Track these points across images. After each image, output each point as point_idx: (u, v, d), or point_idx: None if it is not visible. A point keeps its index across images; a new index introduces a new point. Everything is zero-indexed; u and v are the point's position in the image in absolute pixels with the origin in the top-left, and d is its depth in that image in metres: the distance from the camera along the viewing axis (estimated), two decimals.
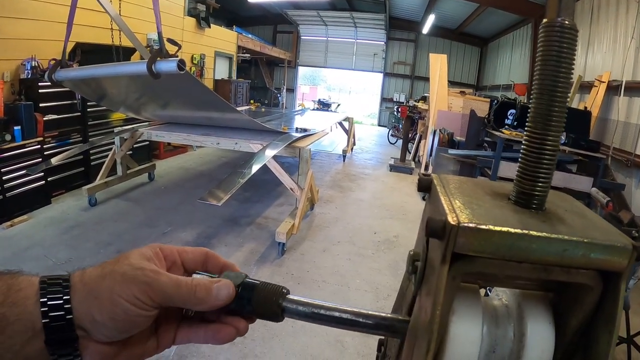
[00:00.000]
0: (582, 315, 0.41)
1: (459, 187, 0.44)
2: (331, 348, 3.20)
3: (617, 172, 7.09)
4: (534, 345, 0.41)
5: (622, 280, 0.38)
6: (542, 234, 0.36)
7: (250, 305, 0.52)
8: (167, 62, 3.13)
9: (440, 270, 0.36)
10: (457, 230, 0.35)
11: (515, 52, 13.98)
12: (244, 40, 13.19)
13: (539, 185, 0.43)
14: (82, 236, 4.67)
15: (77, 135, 5.98)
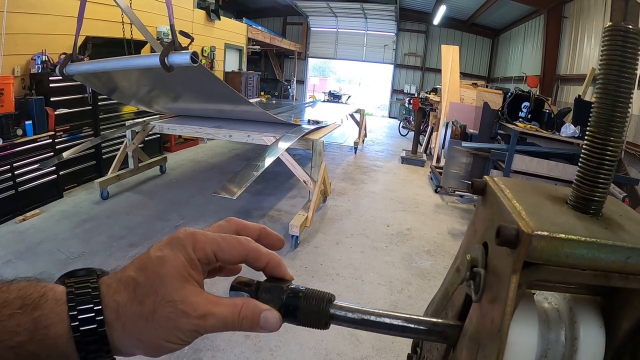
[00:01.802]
0: (634, 319, 0.41)
1: (516, 191, 0.44)
2: (346, 342, 3.22)
3: (631, 167, 7.00)
4: (586, 349, 0.41)
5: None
6: (608, 242, 0.36)
7: (297, 316, 0.51)
8: (180, 55, 3.13)
9: (510, 279, 0.36)
10: (531, 238, 0.35)
11: (527, 43, 13.78)
12: (253, 32, 13.18)
13: (599, 190, 0.43)
14: (94, 230, 4.70)
15: (89, 129, 6.01)
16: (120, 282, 0.45)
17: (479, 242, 0.45)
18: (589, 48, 9.63)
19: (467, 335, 0.45)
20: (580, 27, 10.17)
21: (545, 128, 6.04)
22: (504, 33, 16.99)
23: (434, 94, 12.86)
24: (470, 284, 0.43)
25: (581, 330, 0.43)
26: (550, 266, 0.36)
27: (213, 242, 0.49)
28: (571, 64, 10.66)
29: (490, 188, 0.47)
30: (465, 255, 0.46)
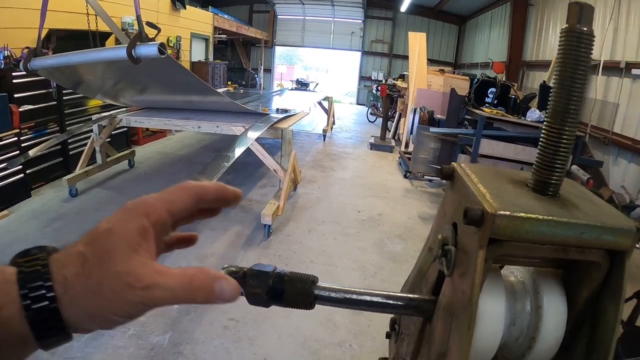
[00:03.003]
0: (591, 288, 0.45)
1: (481, 176, 0.48)
2: (323, 327, 3.28)
3: (595, 150, 7.29)
4: (549, 316, 0.46)
5: (627, 257, 0.42)
6: (564, 219, 0.40)
7: (283, 297, 0.54)
8: (147, 47, 3.07)
9: (477, 255, 0.40)
10: (494, 218, 0.39)
11: (494, 30, 14.06)
12: (220, 21, 12.95)
13: (555, 174, 0.47)
14: (65, 228, 4.58)
15: (54, 125, 5.81)
16: (69, 257, 0.43)
17: (449, 223, 0.49)
18: (554, 35, 9.92)
19: (441, 308, 0.49)
20: (545, 15, 10.45)
21: (512, 113, 6.21)
22: (470, 20, 17.23)
23: (402, 80, 13.00)
24: (442, 260, 0.47)
25: (544, 300, 0.47)
26: (513, 242, 0.40)
27: (162, 200, 0.48)
28: (536, 51, 10.96)
29: (458, 174, 0.51)
30: (436, 236, 0.50)
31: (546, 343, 0.47)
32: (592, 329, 0.46)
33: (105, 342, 2.89)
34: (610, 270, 0.44)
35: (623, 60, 6.86)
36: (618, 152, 6.85)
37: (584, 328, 0.48)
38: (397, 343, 0.70)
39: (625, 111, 6.76)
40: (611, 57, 7.24)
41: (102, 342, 2.89)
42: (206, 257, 4.19)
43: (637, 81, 6.55)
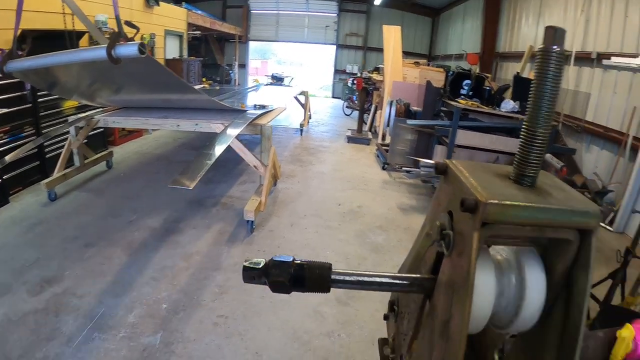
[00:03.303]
0: (565, 262, 0.54)
1: (471, 171, 0.56)
2: (311, 319, 3.37)
3: (568, 138, 7.55)
4: (532, 286, 0.55)
5: (593, 235, 0.51)
6: (540, 205, 0.49)
7: (304, 283, 0.60)
8: (127, 47, 3.06)
9: (473, 236, 0.48)
10: (486, 205, 0.47)
11: (467, 22, 14.27)
12: (193, 17, 12.79)
13: (532, 169, 0.55)
14: (46, 233, 4.50)
15: (30, 128, 5.67)
16: None
17: (444, 212, 0.57)
18: (527, 26, 10.16)
19: (442, 285, 0.57)
20: (518, 6, 10.68)
21: (486, 104, 6.38)
22: (444, 12, 17.42)
23: (377, 73, 13.12)
24: (442, 243, 0.55)
25: (527, 273, 0.56)
26: (501, 224, 0.48)
27: None
28: (510, 42, 11.20)
29: (451, 169, 0.59)
30: (433, 223, 0.57)
31: (529, 310, 0.55)
32: (567, 296, 0.55)
33: (96, 345, 2.91)
34: (580, 246, 0.53)
35: (594, 50, 7.08)
36: (590, 139, 7.08)
37: (562, 296, 0.56)
38: (397, 322, 0.78)
39: (597, 100, 6.98)
40: (583, 48, 7.47)
41: (94, 345, 2.90)
42: (191, 255, 4.21)
43: (608, 71, 6.77)
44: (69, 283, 3.58)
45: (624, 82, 6.37)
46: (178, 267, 3.96)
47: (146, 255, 4.12)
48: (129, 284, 3.63)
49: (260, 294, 3.64)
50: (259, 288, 3.63)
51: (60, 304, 3.30)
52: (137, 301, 3.41)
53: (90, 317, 3.17)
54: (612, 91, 6.66)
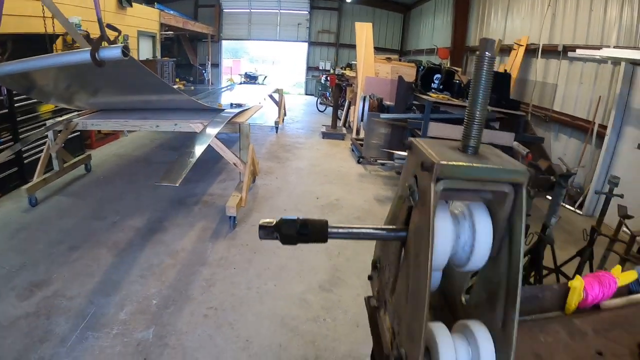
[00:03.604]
0: (505, 211, 0.71)
1: (428, 145, 0.72)
2: (297, 307, 3.53)
3: (537, 127, 7.89)
4: (481, 231, 0.71)
5: (523, 188, 0.68)
6: (479, 165, 0.65)
7: (309, 236, 0.76)
8: (111, 49, 3.13)
9: (431, 188, 0.64)
10: (440, 165, 0.63)
11: (438, 17, 14.61)
12: (166, 17, 12.72)
13: (474, 139, 0.72)
14: (30, 239, 4.49)
15: (7, 134, 5.61)
16: None
17: (411, 176, 0.73)
18: (496, 21, 10.50)
19: (412, 231, 0.73)
20: (487, 2, 11.02)
21: (457, 97, 6.64)
22: (415, 8, 17.77)
23: (350, 69, 13.32)
24: (410, 198, 0.71)
25: (476, 220, 0.72)
26: (450, 179, 0.65)
27: None
28: (480, 36, 11.46)
29: (415, 144, 0.75)
30: (404, 186, 0.74)
31: (481, 249, 0.72)
32: (510, 239, 0.72)
33: (90, 344, 2.97)
34: (515, 197, 0.69)
35: (561, 43, 7.41)
36: (559, 128, 7.43)
37: (506, 240, 0.73)
38: (380, 276, 0.94)
39: (564, 91, 7.33)
40: (550, 41, 7.82)
41: (88, 344, 2.97)
42: (177, 252, 4.31)
43: (574, 63, 7.11)
44: (58, 286, 3.63)
45: (590, 73, 6.70)
46: (165, 265, 4.06)
47: (132, 254, 4.20)
48: (117, 283, 3.72)
49: (246, 286, 3.78)
50: (245, 280, 3.79)
51: (51, 307, 3.35)
52: (127, 299, 3.50)
53: (82, 317, 3.23)
54: (578, 82, 6.99)
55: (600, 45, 6.30)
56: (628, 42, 5.92)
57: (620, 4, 6.06)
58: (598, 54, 5.74)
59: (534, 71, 8.23)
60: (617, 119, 5.95)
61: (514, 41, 8.85)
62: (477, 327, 0.72)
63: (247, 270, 4.06)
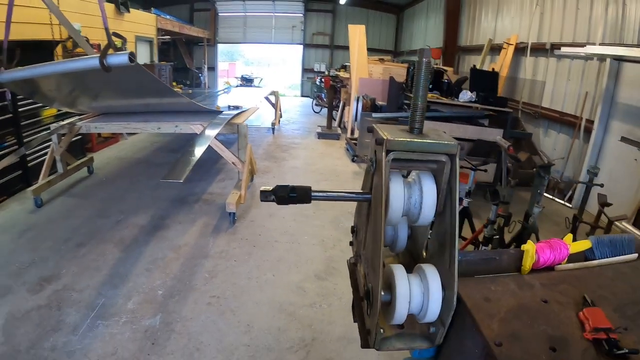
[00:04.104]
0: (445, 176, 0.93)
1: (383, 128, 0.95)
2: (294, 294, 3.75)
3: (528, 124, 8.12)
4: (427, 192, 0.93)
5: (456, 158, 0.90)
6: (419, 140, 0.88)
7: (297, 197, 0.98)
8: (118, 56, 3.34)
9: (383, 158, 0.86)
10: (388, 140, 0.85)
11: (430, 18, 14.85)
12: (162, 22, 12.92)
13: (417, 122, 0.94)
14: (38, 237, 4.69)
15: (12, 138, 5.81)
16: None
17: (372, 151, 0.95)
18: (486, 21, 10.73)
19: (373, 193, 0.95)
20: (478, 2, 11.25)
21: (445, 95, 6.87)
22: (408, 9, 18.00)
23: (344, 70, 13.54)
24: (370, 168, 0.93)
25: (423, 184, 0.95)
26: (397, 151, 0.87)
27: None
28: (470, 36, 11.78)
29: (374, 128, 0.97)
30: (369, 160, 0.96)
31: (428, 208, 0.94)
32: (450, 200, 0.94)
33: (101, 331, 3.18)
34: (451, 165, 0.92)
35: (549, 42, 7.62)
36: (548, 124, 7.64)
37: (448, 200, 0.95)
38: (357, 238, 1.16)
39: (553, 88, 7.54)
40: (538, 40, 8.04)
41: (98, 332, 3.17)
42: (180, 247, 4.53)
43: (562, 60, 7.32)
44: (67, 280, 3.84)
45: (577, 69, 6.89)
46: (169, 258, 4.28)
47: (138, 249, 4.42)
48: (124, 276, 3.93)
49: (247, 276, 4.00)
50: (245, 271, 4.01)
51: (62, 299, 3.55)
52: (134, 290, 3.71)
53: (92, 308, 3.44)
54: (566, 79, 7.19)
55: (586, 42, 6.47)
56: (613, 39, 6.09)
57: (605, 2, 6.23)
58: (582, 51, 5.94)
59: (524, 69, 8.45)
60: (603, 113, 6.12)
61: (504, 40, 9.06)
62: (428, 267, 0.94)
63: (247, 262, 4.29)
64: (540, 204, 3.64)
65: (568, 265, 1.46)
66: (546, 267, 1.47)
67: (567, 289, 1.31)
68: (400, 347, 0.97)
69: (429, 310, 0.90)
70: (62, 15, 3.94)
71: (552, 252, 1.45)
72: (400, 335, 0.99)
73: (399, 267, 0.94)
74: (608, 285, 1.36)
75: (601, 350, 1.03)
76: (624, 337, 1.08)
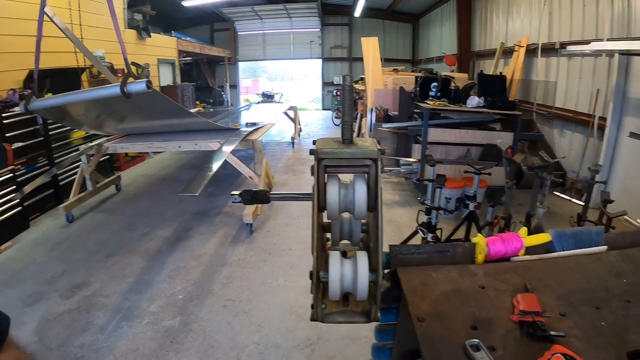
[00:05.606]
0: (372, 177, 1.15)
1: (322, 141, 1.18)
2: (304, 297, 3.95)
3: (543, 125, 8.13)
4: (358, 191, 1.15)
5: (378, 161, 1.12)
6: (345, 149, 1.11)
7: (257, 199, 1.23)
8: (137, 84, 3.68)
9: (318, 166, 1.09)
10: (318, 151, 1.09)
11: (444, 25, 14.94)
12: (183, 44, 13.52)
13: (347, 134, 1.17)
14: (69, 249, 5.09)
15: (44, 160, 6.28)
16: None
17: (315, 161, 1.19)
18: (498, 24, 10.80)
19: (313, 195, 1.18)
20: (488, 6, 11.34)
21: (454, 102, 7.01)
22: (422, 17, 18.15)
23: (361, 82, 13.77)
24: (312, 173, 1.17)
25: (356, 184, 1.16)
26: (328, 159, 1.10)
27: None
28: (484, 41, 11.85)
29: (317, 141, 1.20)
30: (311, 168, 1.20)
31: (360, 203, 1.15)
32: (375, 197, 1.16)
33: (125, 331, 3.50)
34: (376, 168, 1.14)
35: (558, 41, 7.65)
36: (563, 124, 7.63)
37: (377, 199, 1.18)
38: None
39: (565, 87, 7.53)
40: (548, 40, 8.05)
41: (123, 331, 3.50)
42: (200, 256, 4.84)
43: (572, 59, 7.32)
44: (96, 286, 4.20)
45: (588, 67, 6.87)
46: (189, 266, 4.59)
47: (161, 259, 4.75)
48: (148, 282, 4.25)
49: (261, 281, 4.26)
50: (260, 277, 4.26)
51: (91, 303, 3.91)
52: (157, 295, 4.02)
53: (118, 311, 3.78)
54: (578, 77, 7.17)
55: (595, 39, 6.45)
56: (621, 33, 6.04)
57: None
58: (587, 48, 5.93)
59: (536, 70, 8.48)
60: (615, 110, 6.06)
61: (515, 43, 9.12)
62: (360, 253, 1.16)
63: (262, 268, 4.55)
64: (544, 204, 3.70)
65: (522, 257, 1.53)
66: (502, 259, 1.53)
67: (511, 277, 1.39)
68: (340, 321, 1.19)
69: (358, 289, 1.11)
70: (82, 45, 4.32)
71: (503, 245, 1.53)
72: (343, 312, 1.21)
73: (335, 253, 1.16)
74: (558, 275, 1.41)
75: (525, 332, 1.12)
76: (557, 322, 1.16)
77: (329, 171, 1.14)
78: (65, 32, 4.32)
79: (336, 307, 1.22)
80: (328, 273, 1.12)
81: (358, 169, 1.16)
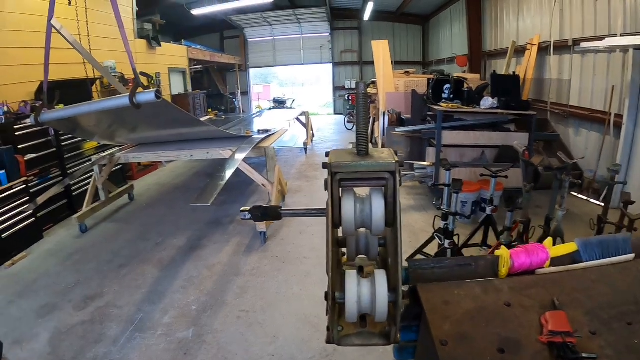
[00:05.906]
0: (389, 190, 1.09)
1: (335, 153, 1.12)
2: (319, 307, 3.87)
3: (558, 124, 7.97)
4: (376, 205, 1.09)
5: (396, 174, 1.06)
6: (365, 162, 1.04)
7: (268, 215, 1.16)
8: (146, 94, 3.67)
9: (332, 180, 1.03)
10: (332, 165, 1.02)
11: (454, 26, 14.79)
12: (193, 52, 13.59)
13: (362, 145, 1.11)
14: (83, 260, 5.10)
15: (56, 170, 6.33)
16: None
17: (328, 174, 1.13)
18: (509, 23, 10.62)
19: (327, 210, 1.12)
20: (498, 5, 11.16)
21: (467, 104, 6.88)
22: (432, 19, 17.98)
23: (373, 86, 13.70)
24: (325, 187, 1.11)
25: (373, 198, 1.10)
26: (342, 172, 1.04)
27: None
28: (495, 40, 11.67)
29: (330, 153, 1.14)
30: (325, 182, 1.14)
31: (378, 219, 1.09)
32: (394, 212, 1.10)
33: (138, 343, 3.47)
34: (394, 181, 1.08)
35: (571, 38, 7.47)
36: (579, 123, 7.45)
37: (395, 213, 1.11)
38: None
39: (579, 85, 7.37)
40: (560, 37, 7.88)
41: (136, 343, 3.47)
42: (214, 265, 4.80)
43: (585, 56, 7.15)
44: (110, 298, 4.18)
45: (602, 63, 6.70)
46: (203, 276, 4.55)
47: (175, 269, 4.72)
48: (162, 293, 4.22)
49: (275, 291, 4.20)
50: (274, 286, 4.20)
51: (104, 315, 3.89)
52: (170, 306, 3.99)
53: (131, 322, 3.75)
54: (592, 74, 6.99)
55: (608, 34, 6.31)
56: (634, 28, 5.88)
57: None
58: (601, 44, 5.77)
59: (549, 69, 8.32)
60: (631, 106, 5.89)
61: (527, 41, 8.96)
62: (379, 272, 1.09)
63: (276, 277, 4.49)
64: (563, 207, 3.59)
65: (548, 269, 1.44)
66: (526, 272, 1.44)
67: (538, 292, 1.30)
68: (358, 344, 1.12)
69: (377, 310, 1.04)
70: (90, 56, 4.33)
71: (528, 257, 1.43)
72: (360, 334, 1.14)
73: (352, 272, 1.09)
74: (586, 289, 1.32)
75: (555, 355, 1.03)
76: (588, 342, 1.07)
77: (344, 185, 1.08)
78: (72, 44, 4.32)
79: (353, 329, 1.15)
80: (344, 293, 1.05)
81: (375, 182, 1.09)
